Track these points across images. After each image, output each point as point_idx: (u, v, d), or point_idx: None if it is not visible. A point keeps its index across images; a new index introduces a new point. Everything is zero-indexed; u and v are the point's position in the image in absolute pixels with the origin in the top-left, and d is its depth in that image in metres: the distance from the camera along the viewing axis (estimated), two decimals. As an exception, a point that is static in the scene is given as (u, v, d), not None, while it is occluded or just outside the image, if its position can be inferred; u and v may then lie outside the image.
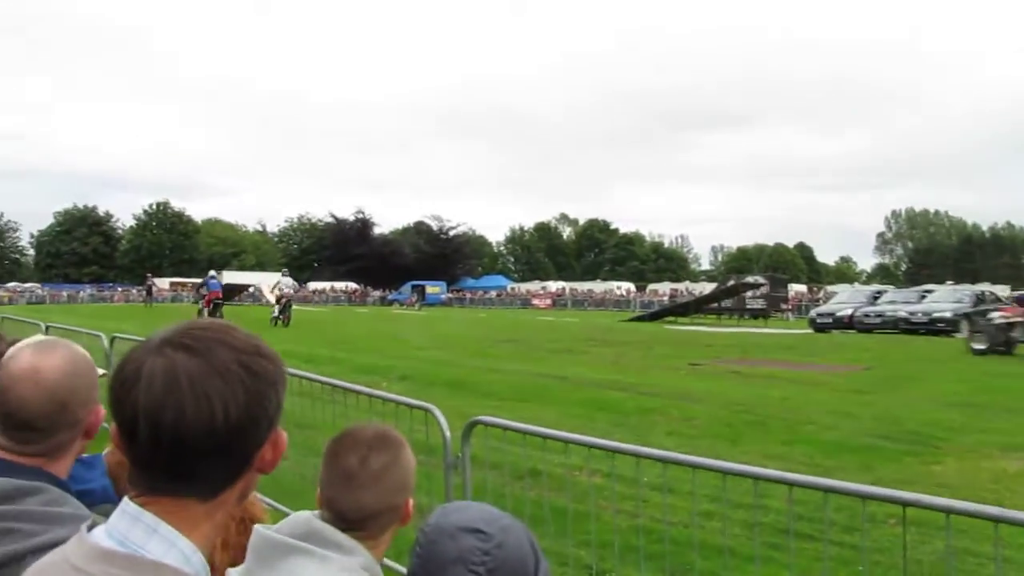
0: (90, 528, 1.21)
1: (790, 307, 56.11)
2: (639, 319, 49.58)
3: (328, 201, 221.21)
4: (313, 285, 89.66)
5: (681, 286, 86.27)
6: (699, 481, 4.55)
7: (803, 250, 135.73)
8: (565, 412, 12.82)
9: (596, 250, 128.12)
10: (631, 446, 4.85)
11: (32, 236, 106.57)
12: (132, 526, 1.18)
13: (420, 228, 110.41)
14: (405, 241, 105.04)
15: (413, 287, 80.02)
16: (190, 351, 1.18)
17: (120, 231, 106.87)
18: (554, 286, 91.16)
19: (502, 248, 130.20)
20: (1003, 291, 47.81)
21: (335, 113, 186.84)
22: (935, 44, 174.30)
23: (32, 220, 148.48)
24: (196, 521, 1.21)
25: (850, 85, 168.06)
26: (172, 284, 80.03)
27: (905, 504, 3.51)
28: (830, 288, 73.83)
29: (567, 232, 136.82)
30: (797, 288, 75.49)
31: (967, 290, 38.36)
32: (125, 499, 1.21)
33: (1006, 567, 4.64)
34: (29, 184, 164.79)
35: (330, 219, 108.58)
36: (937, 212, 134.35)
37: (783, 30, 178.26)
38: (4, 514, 1.59)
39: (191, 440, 1.15)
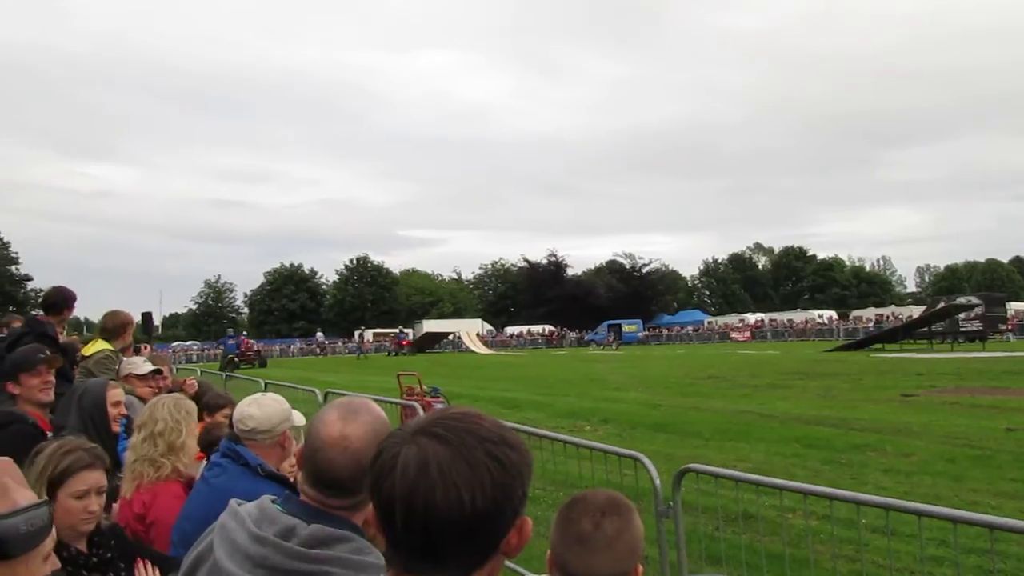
0: None
1: (1010, 327, 52.87)
2: (844, 348, 47.82)
3: (521, 245, 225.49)
4: (510, 330, 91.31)
5: (886, 311, 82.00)
6: (924, 523, 4.31)
7: (1020, 264, 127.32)
8: (774, 451, 12.56)
9: (794, 278, 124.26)
10: (849, 493, 4.68)
11: (246, 295, 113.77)
12: None
13: (613, 267, 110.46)
14: (598, 281, 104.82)
15: (609, 326, 79.85)
16: (441, 440, 1.29)
17: (324, 286, 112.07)
18: (752, 318, 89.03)
19: (696, 282, 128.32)
20: None
21: (522, 157, 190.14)
22: None
23: (244, 280, 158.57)
24: None
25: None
26: (376, 335, 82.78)
27: None
28: (1054, 303, 69.01)
29: (762, 262, 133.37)
30: (1016, 306, 70.53)
31: None
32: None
33: None
34: (240, 247, 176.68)
35: (523, 263, 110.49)
36: None
37: (982, 28, 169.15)
38: (318, 557, 1.77)
39: (440, 525, 1.26)
